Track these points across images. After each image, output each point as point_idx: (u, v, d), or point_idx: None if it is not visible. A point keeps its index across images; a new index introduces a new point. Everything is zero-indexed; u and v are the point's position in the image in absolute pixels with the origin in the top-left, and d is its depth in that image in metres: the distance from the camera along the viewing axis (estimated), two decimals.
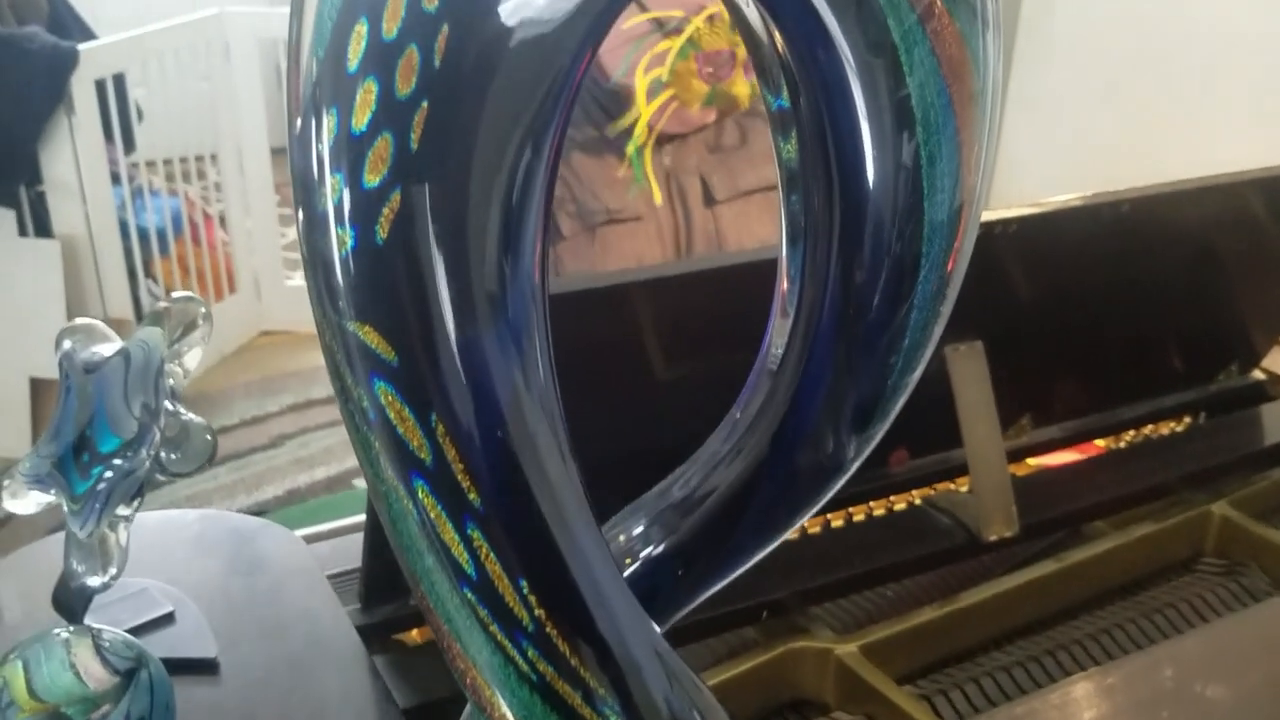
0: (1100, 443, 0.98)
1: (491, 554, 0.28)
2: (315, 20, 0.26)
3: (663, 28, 0.98)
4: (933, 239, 0.32)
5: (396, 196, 0.26)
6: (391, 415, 0.27)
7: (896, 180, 0.31)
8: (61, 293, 2.11)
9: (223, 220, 2.60)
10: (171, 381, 0.65)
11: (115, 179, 2.23)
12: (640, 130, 1.00)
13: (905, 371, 0.33)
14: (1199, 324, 0.99)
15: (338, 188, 0.26)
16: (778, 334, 0.35)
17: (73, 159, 2.10)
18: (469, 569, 0.28)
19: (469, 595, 0.28)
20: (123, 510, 0.64)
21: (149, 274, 2.37)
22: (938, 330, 0.33)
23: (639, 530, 0.35)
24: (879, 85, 0.29)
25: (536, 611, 0.28)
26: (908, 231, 0.32)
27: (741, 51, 0.99)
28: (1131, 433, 0.99)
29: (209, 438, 0.61)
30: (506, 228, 0.27)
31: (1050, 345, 0.88)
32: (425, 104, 0.25)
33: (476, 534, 0.27)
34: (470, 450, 0.27)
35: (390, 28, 0.25)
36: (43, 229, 2.17)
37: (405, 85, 0.25)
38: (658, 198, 1.06)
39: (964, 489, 0.86)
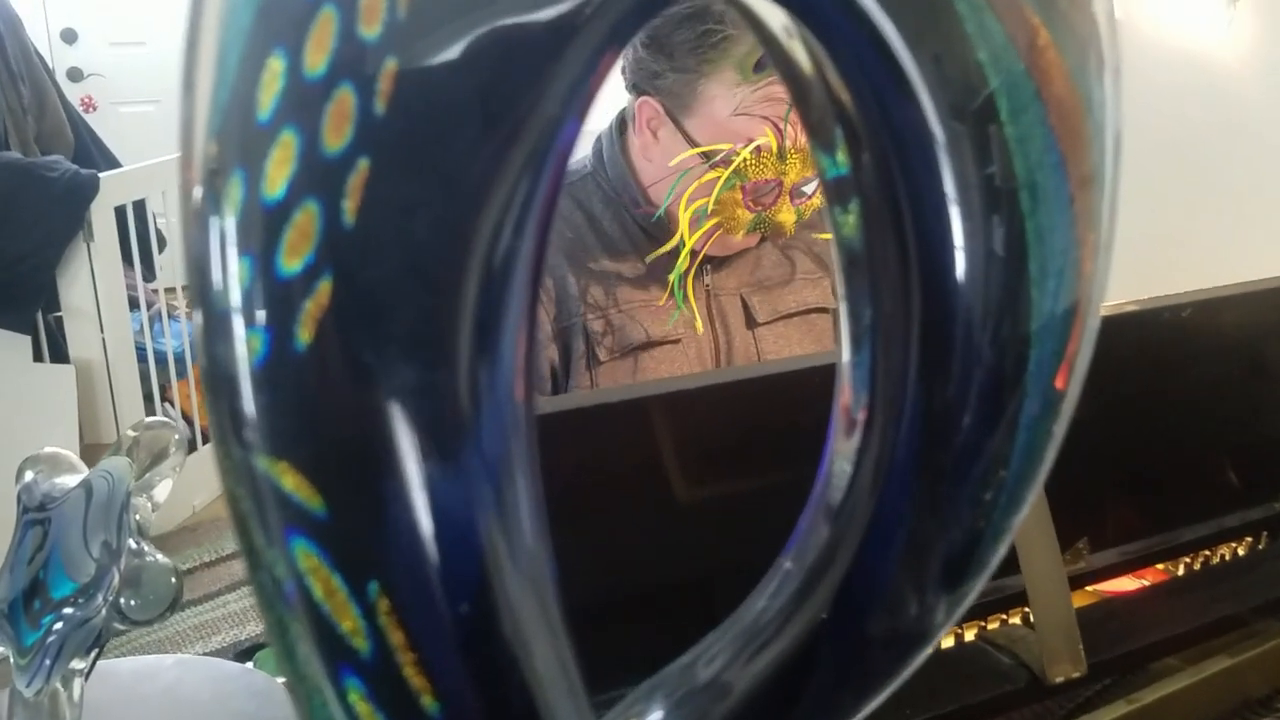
0: (1160, 567, 0.93)
1: None
2: (216, 54, 0.19)
3: (709, 159, 0.97)
4: (1040, 343, 0.24)
5: (325, 287, 0.19)
6: (316, 587, 0.19)
7: (993, 264, 0.24)
8: (74, 417, 2.08)
9: None
10: (139, 517, 0.58)
11: (134, 304, 2.21)
12: (684, 258, 0.98)
13: (1008, 512, 0.26)
14: (1260, 437, 0.93)
15: (245, 277, 0.19)
16: (839, 458, 0.27)
17: (90, 285, 2.09)
18: None
19: None
20: (77, 663, 0.56)
21: (165, 398, 2.33)
22: (1048, 459, 0.26)
23: None
24: (970, 138, 0.22)
25: None
26: (1007, 333, 0.24)
27: (788, 179, 0.97)
28: (1191, 556, 0.93)
29: (173, 580, 0.54)
30: (480, 330, 0.20)
31: (1107, 461, 0.83)
32: (364, 163, 0.19)
33: None
34: (425, 636, 0.19)
35: (315, 61, 0.19)
36: (58, 354, 2.14)
37: (336, 138, 0.19)
38: (699, 326, 1.03)
39: (1015, 619, 0.80)
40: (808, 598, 0.26)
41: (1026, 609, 0.76)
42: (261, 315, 0.19)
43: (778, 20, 0.24)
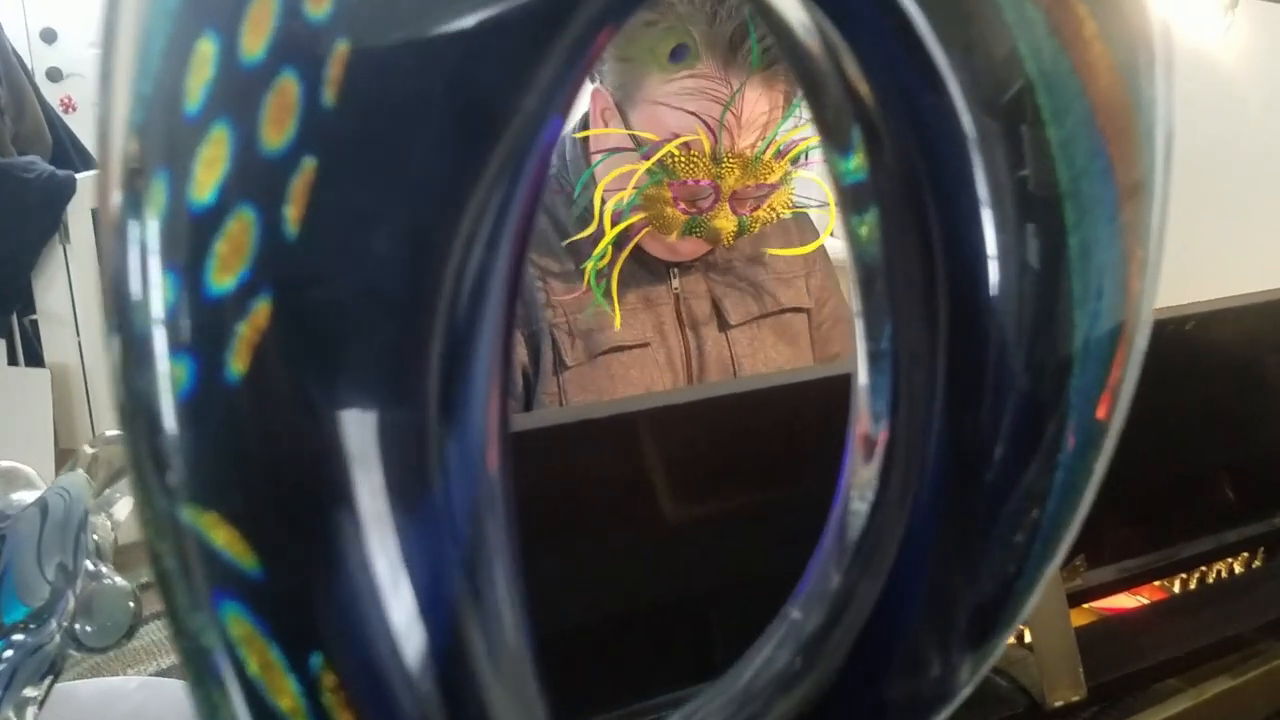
0: (1158, 584, 0.91)
1: None
2: (137, 37, 0.16)
3: (640, 148, 0.92)
4: (1081, 369, 0.22)
5: (263, 308, 0.16)
6: (249, 659, 0.16)
7: (1029, 279, 0.21)
8: (50, 422, 2.04)
9: None
10: (97, 537, 0.55)
11: None
12: (601, 247, 0.92)
13: (1042, 558, 0.23)
14: (1260, 451, 0.91)
15: (168, 295, 0.16)
16: (855, 494, 0.25)
17: (67, 288, 2.05)
18: None
19: None
20: (30, 691, 0.53)
21: None
22: (1087, 499, 0.23)
23: None
24: (1006, 139, 0.20)
25: None
26: (1043, 356, 0.22)
27: (725, 184, 0.92)
28: (1188, 572, 0.91)
29: (130, 605, 0.51)
30: (448, 361, 0.17)
31: (1105, 475, 0.80)
32: (310, 164, 0.16)
33: None
34: (378, 718, 0.16)
35: (253, 44, 0.16)
36: (34, 358, 2.10)
37: (277, 134, 0.16)
38: (618, 322, 0.96)
39: (1011, 640, 0.77)
40: (818, 655, 0.23)
41: (1024, 629, 0.74)
42: (187, 340, 0.16)
43: (790, 7, 0.21)
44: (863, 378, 0.24)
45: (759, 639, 0.25)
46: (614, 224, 0.92)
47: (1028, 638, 0.74)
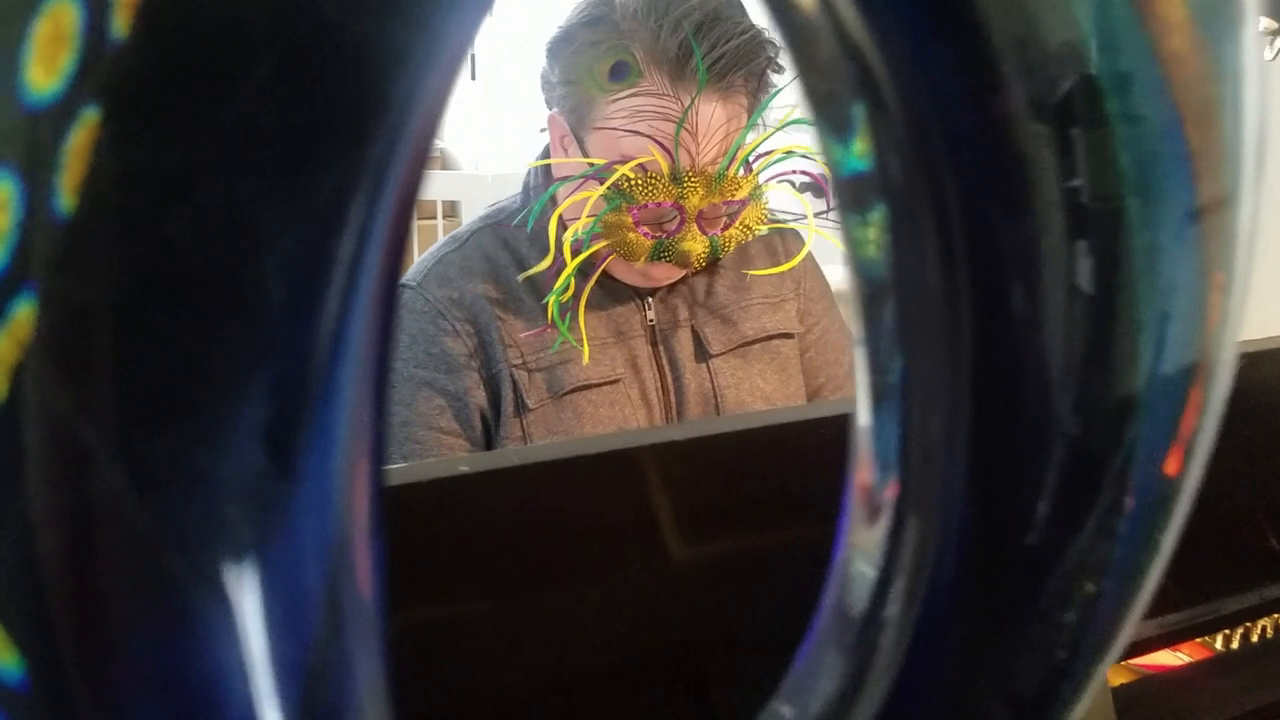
0: (1200, 640, 0.86)
1: None
2: None
3: (596, 175, 0.87)
4: (1144, 413, 0.17)
5: (24, 314, 0.12)
6: None
7: (1079, 301, 0.16)
8: None
9: None
10: None
11: None
12: (562, 280, 0.87)
13: (1097, 647, 0.18)
14: None
15: None
16: (857, 558, 0.20)
17: None
18: None
19: None
20: None
21: None
22: (1153, 575, 0.18)
23: None
24: (1057, 116, 0.15)
25: None
26: (1096, 398, 0.17)
27: (689, 204, 0.86)
28: (1230, 629, 0.86)
29: None
30: (282, 388, 0.12)
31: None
32: (91, 115, 0.11)
33: None
34: None
35: None
36: None
37: (46, 75, 0.12)
38: (586, 357, 0.90)
39: None
40: None
41: None
42: None
43: None
44: (864, 418, 0.19)
45: None
46: (575, 254, 0.87)
47: None
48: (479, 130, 3.67)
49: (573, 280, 0.87)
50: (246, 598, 0.12)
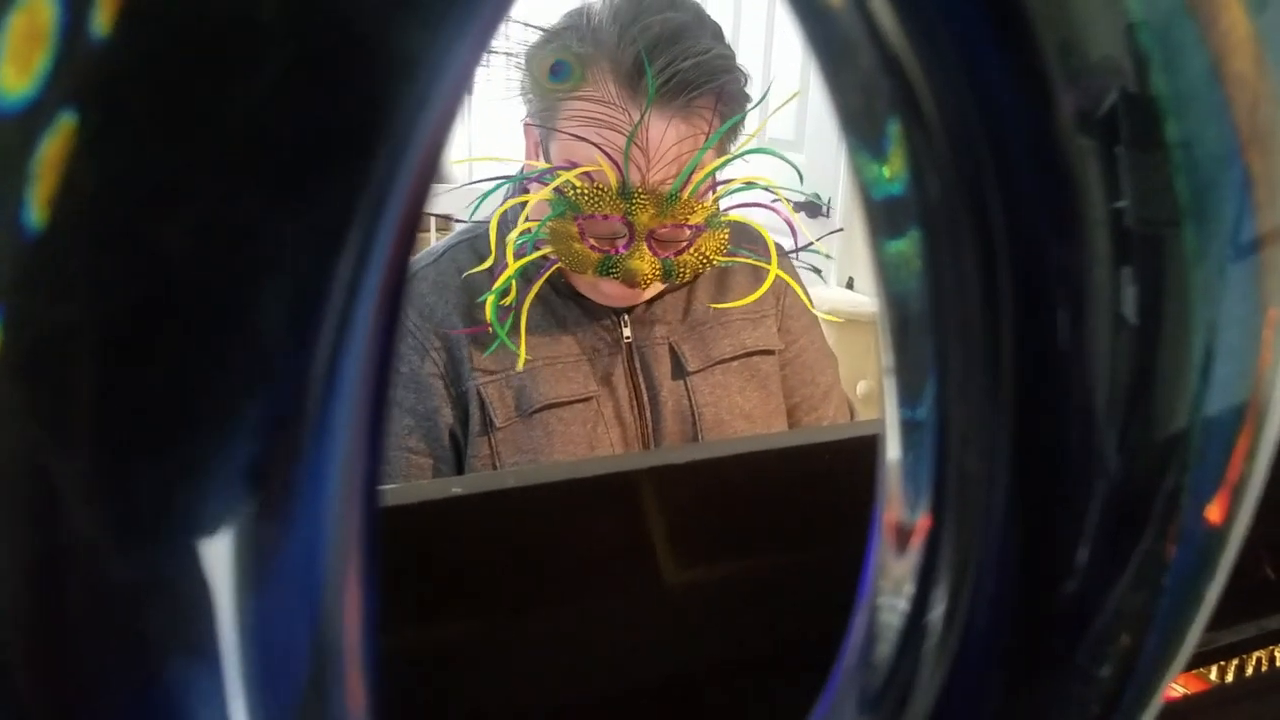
0: (1197, 672, 0.84)
1: None
2: None
3: (543, 179, 0.85)
4: (1191, 456, 0.16)
5: None
6: None
7: (1126, 334, 0.15)
8: None
9: None
10: None
11: None
12: (502, 282, 0.84)
13: (1137, 701, 0.17)
14: None
15: None
16: (884, 605, 0.19)
17: None
18: None
19: None
20: None
21: None
22: (1195, 630, 0.17)
23: None
24: (1108, 131, 0.14)
25: None
26: (1141, 436, 0.16)
27: (638, 222, 0.85)
28: (1226, 660, 0.84)
29: None
30: (272, 416, 0.11)
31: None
32: (67, 121, 0.10)
33: None
34: None
35: None
36: None
37: (20, 76, 0.10)
38: (520, 362, 0.88)
39: None
40: None
41: None
42: None
43: None
44: (893, 451, 0.18)
45: None
46: (520, 257, 0.85)
47: None
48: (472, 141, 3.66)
49: (513, 283, 0.85)
50: (228, 657, 0.11)
